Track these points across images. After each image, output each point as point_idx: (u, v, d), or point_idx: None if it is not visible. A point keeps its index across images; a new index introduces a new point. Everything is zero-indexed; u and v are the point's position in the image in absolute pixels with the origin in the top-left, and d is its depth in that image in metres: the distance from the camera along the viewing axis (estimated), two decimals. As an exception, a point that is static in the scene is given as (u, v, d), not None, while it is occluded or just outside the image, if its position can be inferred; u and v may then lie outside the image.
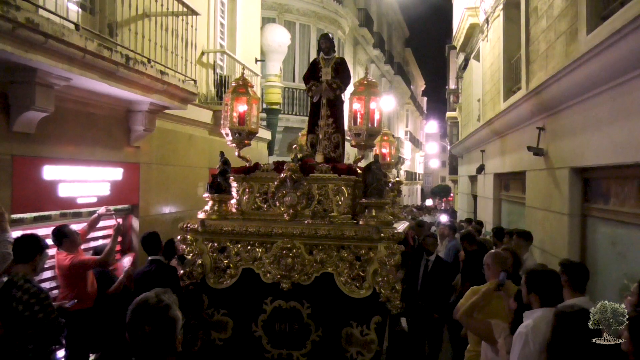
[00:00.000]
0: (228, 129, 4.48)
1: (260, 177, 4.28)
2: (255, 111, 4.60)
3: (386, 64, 26.84)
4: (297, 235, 3.89)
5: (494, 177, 11.06)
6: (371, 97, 4.33)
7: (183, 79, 6.27)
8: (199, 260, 4.06)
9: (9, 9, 3.47)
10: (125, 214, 6.57)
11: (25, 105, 4.35)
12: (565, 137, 6.10)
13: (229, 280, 4.04)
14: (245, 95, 4.49)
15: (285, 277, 3.90)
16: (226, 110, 4.50)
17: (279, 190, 4.16)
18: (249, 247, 4.03)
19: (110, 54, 4.68)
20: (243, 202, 4.28)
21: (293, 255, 3.89)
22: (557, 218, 6.30)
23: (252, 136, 4.61)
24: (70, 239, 4.79)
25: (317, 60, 5.00)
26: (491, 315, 3.88)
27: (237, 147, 4.54)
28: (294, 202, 4.09)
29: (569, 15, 5.79)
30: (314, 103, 4.91)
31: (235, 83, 4.60)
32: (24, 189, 4.63)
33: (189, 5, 6.36)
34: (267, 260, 3.96)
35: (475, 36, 13.25)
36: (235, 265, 4.04)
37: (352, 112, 4.36)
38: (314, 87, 4.84)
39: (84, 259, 4.82)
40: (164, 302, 2.21)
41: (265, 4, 12.53)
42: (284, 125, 13.03)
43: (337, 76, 4.83)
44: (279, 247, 3.92)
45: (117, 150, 6.10)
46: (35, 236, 3.88)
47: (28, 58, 3.85)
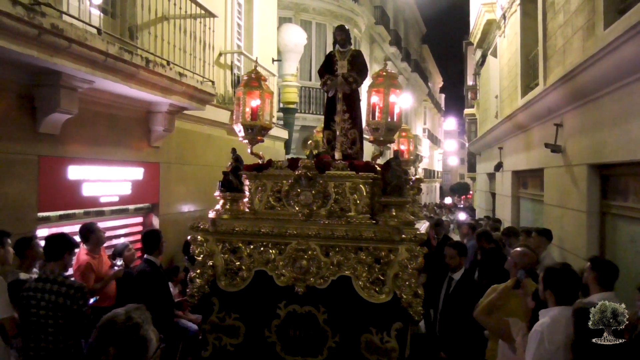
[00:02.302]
0: (240, 124, 4.23)
1: (274, 174, 4.02)
2: (268, 106, 4.34)
3: (403, 61, 26.74)
4: (313, 236, 3.69)
5: (512, 175, 10.99)
6: (390, 90, 3.99)
7: (201, 80, 6.38)
8: (210, 262, 3.87)
9: (35, 15, 3.60)
10: (146, 213, 6.72)
11: (50, 108, 4.50)
12: (584, 133, 6.06)
13: (241, 283, 3.85)
14: (258, 89, 4.22)
15: (300, 280, 3.70)
16: (238, 105, 4.25)
17: (293, 188, 3.92)
18: (261, 249, 3.83)
19: (131, 57, 4.81)
20: (255, 201, 4.04)
21: (308, 258, 3.69)
22: (576, 215, 6.26)
23: (265, 132, 4.38)
24: (96, 236, 4.92)
25: (332, 53, 4.77)
26: (509, 313, 3.85)
27: (250, 143, 4.30)
28: (309, 201, 3.86)
29: (586, 10, 5.74)
30: (330, 98, 4.69)
31: (248, 77, 4.33)
32: (49, 188, 4.79)
33: (206, 8, 6.47)
34: (280, 263, 3.76)
35: (492, 32, 13.15)
36: (248, 267, 3.84)
37: (370, 105, 4.06)
38: (329, 81, 4.61)
39: (87, 274, 4.85)
40: (134, 320, 1.96)
41: (281, 3, 12.62)
42: (300, 124, 13.11)
43: (353, 69, 4.60)
44: (293, 249, 3.72)
45: (138, 150, 6.24)
46: (64, 235, 3.99)
47: (53, 62, 3.99)
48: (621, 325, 2.49)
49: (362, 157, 4.64)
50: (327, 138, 4.72)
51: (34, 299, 3.58)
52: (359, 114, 4.67)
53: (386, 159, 4.03)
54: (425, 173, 34.98)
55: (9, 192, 4.38)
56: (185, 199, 7.36)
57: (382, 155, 4.31)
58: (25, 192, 4.54)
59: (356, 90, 4.67)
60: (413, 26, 33.40)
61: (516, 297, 3.95)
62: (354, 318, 3.64)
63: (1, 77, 4.22)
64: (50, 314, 3.54)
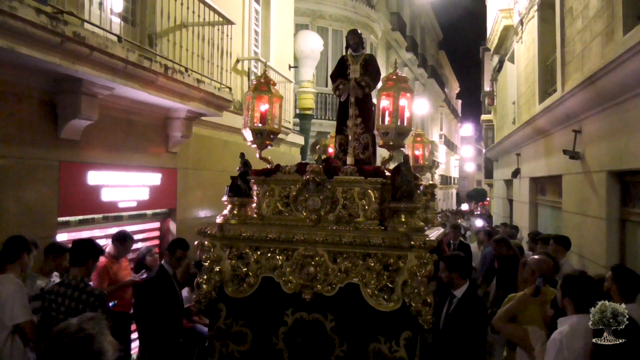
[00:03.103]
0: (248, 129, 4.19)
1: (282, 179, 3.97)
2: (277, 110, 4.31)
3: (419, 67, 26.68)
4: (320, 242, 3.62)
5: (530, 181, 10.87)
6: (401, 93, 3.92)
7: (219, 86, 6.45)
8: (217, 267, 3.82)
9: (58, 23, 3.69)
10: (163, 218, 6.79)
11: (71, 114, 4.60)
12: (603, 139, 5.98)
13: (248, 290, 3.79)
14: (267, 94, 4.18)
15: (307, 287, 3.63)
16: (247, 109, 4.21)
17: (301, 193, 3.86)
18: (269, 255, 3.78)
19: (150, 64, 4.89)
20: (263, 206, 4.00)
21: (316, 264, 3.62)
22: (595, 223, 6.17)
23: (274, 136, 4.33)
24: (127, 245, 5.12)
25: (345, 57, 4.70)
26: (527, 321, 3.81)
27: (259, 148, 4.25)
28: (317, 206, 3.80)
29: (605, 16, 5.69)
30: (342, 102, 4.64)
31: (257, 81, 4.29)
32: (70, 193, 4.87)
33: (224, 15, 6.55)
34: (288, 269, 3.69)
35: (510, 38, 13.06)
36: (255, 274, 3.79)
37: (379, 109, 4.01)
38: (341, 86, 4.56)
39: (102, 275, 4.97)
40: (87, 331, 1.85)
41: (298, 10, 12.70)
42: (316, 130, 13.15)
43: (365, 74, 4.54)
44: (300, 255, 3.66)
45: (156, 156, 6.32)
46: (91, 241, 4.05)
47: (75, 69, 4.08)
48: (621, 326, 2.46)
49: (374, 162, 4.58)
50: (339, 143, 4.67)
51: (55, 302, 3.63)
52: (372, 118, 4.55)
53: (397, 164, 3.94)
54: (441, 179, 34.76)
55: (31, 196, 4.47)
56: (202, 205, 7.42)
57: (393, 159, 4.24)
58: (47, 196, 4.63)
59: (369, 94, 4.60)
60: (430, 32, 33.34)
61: (534, 304, 3.90)
62: (361, 326, 3.56)
63: (24, 84, 4.33)
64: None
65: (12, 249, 3.70)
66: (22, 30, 3.43)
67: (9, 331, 3.46)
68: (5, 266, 3.60)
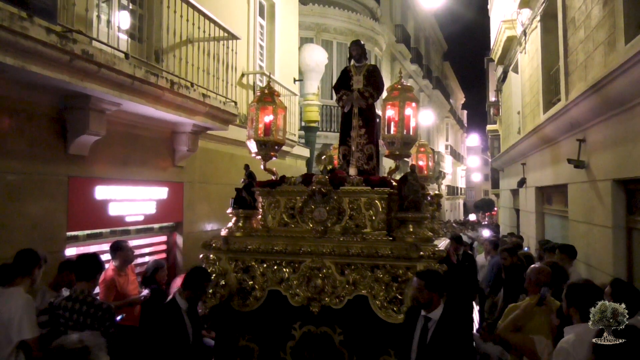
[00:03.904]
0: (253, 140, 4.16)
1: (287, 190, 3.92)
2: (281, 121, 4.26)
3: (424, 78, 26.77)
4: (327, 253, 3.57)
5: (536, 191, 10.85)
6: (406, 103, 3.88)
7: (224, 100, 6.53)
8: (223, 281, 3.76)
9: (67, 42, 3.77)
10: (170, 232, 6.84)
11: (80, 130, 4.68)
12: (608, 148, 5.98)
13: (255, 303, 3.73)
14: (271, 105, 4.15)
15: (315, 300, 3.57)
16: (251, 121, 4.17)
17: (307, 204, 3.81)
18: (275, 267, 3.72)
19: (157, 79, 4.96)
20: (269, 218, 3.95)
21: (323, 276, 3.57)
22: (601, 231, 6.16)
23: (279, 147, 4.29)
24: (124, 254, 5.03)
25: (348, 68, 4.69)
26: (533, 331, 3.81)
27: (263, 159, 4.23)
28: (323, 217, 3.75)
29: (607, 25, 5.73)
30: (345, 113, 4.60)
31: (261, 92, 4.27)
32: (78, 207, 4.94)
33: (229, 30, 6.64)
34: (295, 282, 3.64)
35: (513, 48, 13.12)
36: (261, 287, 3.73)
37: (385, 119, 3.98)
38: (344, 97, 4.53)
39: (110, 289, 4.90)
40: (84, 343, 1.95)
41: (302, 24, 12.84)
42: (322, 142, 13.20)
43: (369, 84, 4.52)
44: (307, 267, 3.61)
45: (163, 170, 6.39)
46: (96, 256, 4.09)
47: (83, 86, 4.16)
48: (621, 326, 2.46)
49: (378, 173, 4.56)
50: (342, 153, 4.61)
51: (63, 317, 3.67)
52: (376, 129, 4.57)
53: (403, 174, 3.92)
54: (448, 190, 34.67)
55: (41, 211, 4.53)
56: (209, 218, 7.47)
57: (399, 169, 4.20)
58: (56, 211, 4.69)
59: (372, 105, 4.58)
60: (434, 43, 33.48)
61: (540, 314, 3.90)
62: (371, 339, 3.51)
63: (34, 101, 4.41)
64: None
65: (23, 263, 3.74)
66: (33, 49, 3.51)
67: (14, 346, 3.48)
68: (16, 279, 3.64)
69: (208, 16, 6.14)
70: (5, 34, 3.27)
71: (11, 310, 3.47)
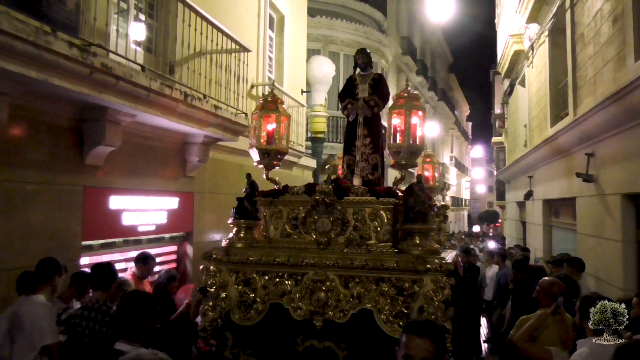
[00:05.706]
0: (255, 149, 4.04)
1: (290, 200, 3.79)
2: (284, 129, 4.16)
3: (430, 90, 26.90)
4: (331, 265, 3.47)
5: (543, 203, 10.86)
6: (412, 111, 3.77)
7: (235, 112, 6.60)
8: (223, 293, 3.66)
9: (87, 55, 3.86)
10: (180, 241, 6.89)
11: (96, 141, 4.75)
12: (617, 162, 6.01)
13: (256, 317, 3.61)
14: (274, 112, 4.04)
15: (318, 314, 3.46)
16: (254, 129, 4.06)
17: (310, 215, 3.68)
18: (277, 280, 3.61)
19: (171, 91, 5.04)
20: (271, 228, 3.82)
21: (326, 289, 3.46)
22: (610, 245, 6.17)
23: (282, 156, 4.18)
24: (148, 266, 5.14)
25: (353, 76, 4.61)
26: (547, 342, 3.83)
27: (266, 168, 4.10)
28: (327, 228, 3.63)
29: (617, 42, 5.78)
30: (350, 122, 4.51)
31: (264, 100, 4.15)
32: (93, 217, 5.00)
33: (240, 43, 6.74)
34: (297, 295, 3.53)
35: (520, 62, 13.20)
36: (263, 300, 3.61)
37: (391, 127, 3.87)
38: (349, 105, 4.45)
39: None
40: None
41: (310, 36, 12.97)
42: (328, 153, 13.27)
43: (374, 93, 4.43)
44: (310, 280, 3.50)
45: (174, 180, 6.46)
46: (111, 265, 4.13)
47: (101, 98, 4.24)
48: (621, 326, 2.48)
49: (383, 183, 4.44)
50: (347, 163, 4.48)
51: (80, 326, 3.71)
52: (381, 138, 4.45)
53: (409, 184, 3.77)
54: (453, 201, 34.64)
55: (57, 221, 4.59)
56: (218, 228, 7.51)
57: (405, 179, 4.05)
58: (72, 221, 4.75)
59: (378, 114, 4.49)
60: (440, 56, 33.66)
61: (554, 324, 3.92)
62: (376, 355, 3.37)
63: (53, 113, 4.49)
64: (93, 342, 3.66)
65: (45, 271, 3.79)
66: (55, 63, 3.59)
67: (37, 352, 3.53)
68: (38, 286, 3.69)
69: (220, 29, 6.24)
70: (30, 48, 3.35)
71: (34, 317, 3.53)
